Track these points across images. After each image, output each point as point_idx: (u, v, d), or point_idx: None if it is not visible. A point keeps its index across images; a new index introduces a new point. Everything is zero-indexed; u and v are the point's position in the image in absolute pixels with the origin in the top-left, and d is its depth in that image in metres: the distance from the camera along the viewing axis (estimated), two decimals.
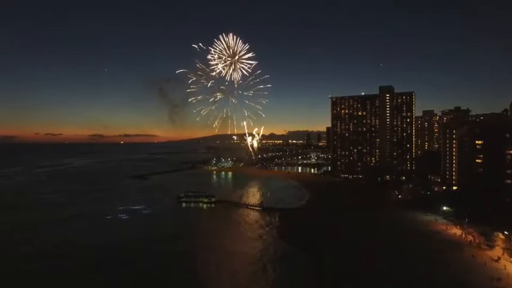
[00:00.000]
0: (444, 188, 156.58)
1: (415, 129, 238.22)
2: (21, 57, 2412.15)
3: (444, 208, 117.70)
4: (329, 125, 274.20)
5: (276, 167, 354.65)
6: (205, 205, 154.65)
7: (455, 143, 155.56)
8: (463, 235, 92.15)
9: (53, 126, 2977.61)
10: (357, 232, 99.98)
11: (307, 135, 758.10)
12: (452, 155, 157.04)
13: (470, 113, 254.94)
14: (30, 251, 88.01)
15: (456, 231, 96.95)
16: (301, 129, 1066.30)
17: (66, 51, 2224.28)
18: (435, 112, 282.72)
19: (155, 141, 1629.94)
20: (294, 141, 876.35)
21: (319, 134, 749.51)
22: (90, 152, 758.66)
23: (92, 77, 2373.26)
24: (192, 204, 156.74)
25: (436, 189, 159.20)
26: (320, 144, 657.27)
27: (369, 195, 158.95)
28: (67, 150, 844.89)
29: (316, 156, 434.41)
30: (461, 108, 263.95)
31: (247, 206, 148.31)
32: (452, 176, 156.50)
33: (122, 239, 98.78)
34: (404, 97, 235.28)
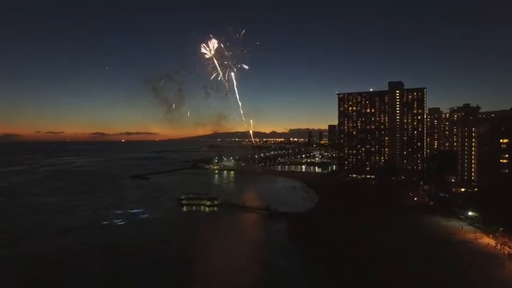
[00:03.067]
0: (463, 189, 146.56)
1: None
2: (22, 56, 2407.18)
3: (470, 213, 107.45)
4: (331, 122, 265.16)
5: (280, 166, 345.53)
6: (207, 208, 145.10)
7: (474, 142, 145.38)
8: (498, 246, 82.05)
9: (54, 124, 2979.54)
10: (377, 240, 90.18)
11: (309, 133, 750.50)
12: (471, 154, 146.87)
13: (479, 111, 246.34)
14: None
15: (489, 241, 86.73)
16: (302, 127, 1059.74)
17: (67, 49, 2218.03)
18: (440, 110, 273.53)
19: (156, 139, 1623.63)
20: (296, 139, 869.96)
21: (320, 132, 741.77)
22: (91, 150, 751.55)
23: (93, 75, 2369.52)
24: (194, 207, 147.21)
25: (453, 190, 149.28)
26: (322, 142, 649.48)
27: (381, 197, 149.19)
28: (68, 148, 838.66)
29: (320, 154, 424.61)
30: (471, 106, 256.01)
31: (252, 209, 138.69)
32: (472, 176, 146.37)
33: (108, 265, 78.97)
34: (415, 93, 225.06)
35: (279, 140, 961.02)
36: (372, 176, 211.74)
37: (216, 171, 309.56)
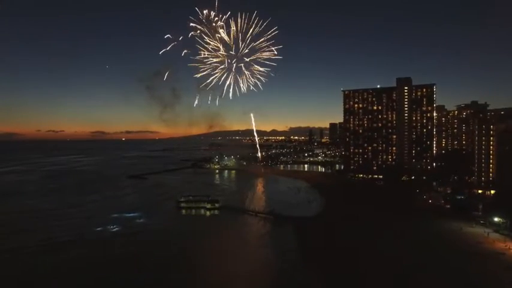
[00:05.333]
0: (480, 191, 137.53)
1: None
2: (22, 54, 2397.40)
3: (495, 219, 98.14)
4: (332, 120, 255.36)
5: (282, 166, 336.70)
6: (208, 212, 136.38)
7: (492, 140, 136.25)
8: None
9: (55, 123, 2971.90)
10: (397, 250, 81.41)
11: (310, 131, 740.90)
12: (490, 154, 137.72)
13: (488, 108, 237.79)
14: None
15: None
16: (302, 125, 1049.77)
17: (67, 47, 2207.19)
18: (445, 107, 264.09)
19: (157, 138, 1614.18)
20: (296, 138, 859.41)
21: (321, 131, 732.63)
22: (90, 149, 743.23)
23: (93, 74, 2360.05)
24: (193, 211, 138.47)
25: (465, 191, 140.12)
26: (323, 140, 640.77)
27: (393, 199, 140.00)
28: (68, 147, 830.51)
29: (323, 153, 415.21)
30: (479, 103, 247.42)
31: (255, 213, 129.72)
32: (489, 177, 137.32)
33: None
34: (424, 90, 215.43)
35: (280, 138, 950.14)
36: (380, 176, 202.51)
37: (217, 170, 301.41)
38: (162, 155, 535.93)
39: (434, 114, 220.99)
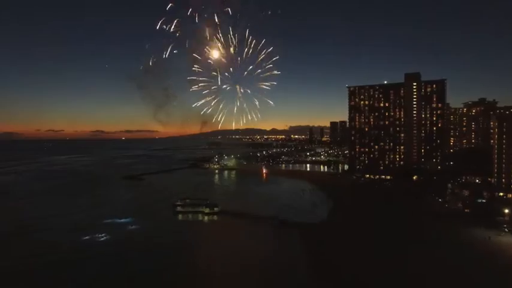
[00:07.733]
0: (501, 194, 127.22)
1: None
2: (22, 54, 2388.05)
3: None
4: (332, 119, 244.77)
5: (284, 165, 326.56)
6: (206, 217, 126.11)
7: None
8: None
9: (55, 122, 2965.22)
10: (426, 265, 71.32)
11: (310, 130, 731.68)
12: (511, 153, 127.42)
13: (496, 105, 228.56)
14: None
15: None
16: (302, 124, 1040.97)
17: (66, 47, 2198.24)
18: (450, 105, 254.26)
19: (156, 137, 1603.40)
20: (296, 136, 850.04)
21: (321, 129, 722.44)
22: (89, 148, 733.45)
23: (93, 73, 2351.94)
24: (190, 216, 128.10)
25: (485, 194, 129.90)
26: (324, 139, 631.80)
27: (406, 203, 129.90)
28: (67, 146, 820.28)
29: (325, 152, 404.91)
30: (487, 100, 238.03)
31: (258, 218, 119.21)
32: (510, 179, 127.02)
33: None
34: (434, 86, 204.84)
35: (280, 137, 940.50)
36: (388, 177, 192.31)
37: (217, 170, 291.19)
38: (160, 155, 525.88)
39: (446, 109, 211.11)
